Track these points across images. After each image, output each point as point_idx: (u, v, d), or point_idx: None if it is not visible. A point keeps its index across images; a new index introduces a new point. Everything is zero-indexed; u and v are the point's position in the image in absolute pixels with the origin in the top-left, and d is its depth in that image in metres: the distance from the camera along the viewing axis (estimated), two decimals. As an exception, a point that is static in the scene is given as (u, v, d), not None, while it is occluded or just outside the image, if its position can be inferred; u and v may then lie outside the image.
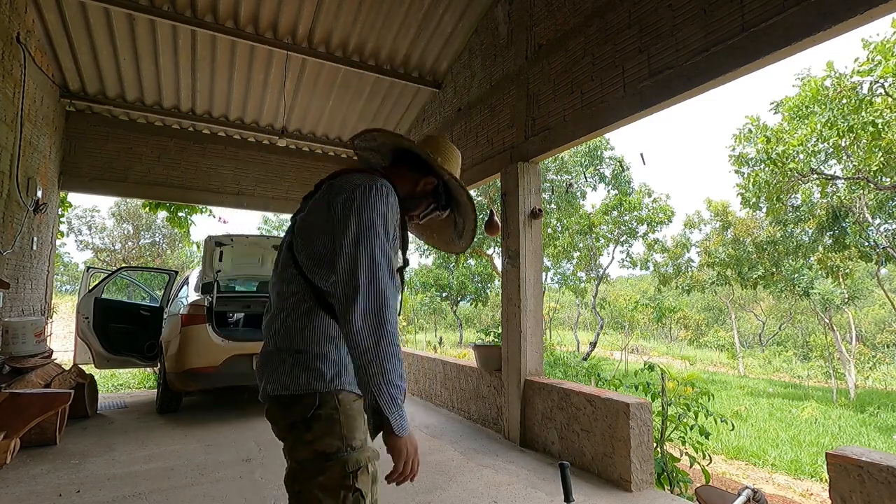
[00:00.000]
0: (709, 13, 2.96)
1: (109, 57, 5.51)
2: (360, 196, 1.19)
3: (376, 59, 5.97)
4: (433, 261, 20.29)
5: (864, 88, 8.27)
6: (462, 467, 3.52)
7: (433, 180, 1.44)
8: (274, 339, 1.28)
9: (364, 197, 1.19)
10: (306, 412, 1.20)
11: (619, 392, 3.76)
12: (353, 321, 1.09)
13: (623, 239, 16.31)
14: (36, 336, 4.45)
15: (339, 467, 1.17)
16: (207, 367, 4.55)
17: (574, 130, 3.96)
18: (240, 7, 5.07)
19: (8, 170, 4.36)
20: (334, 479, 1.17)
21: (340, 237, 1.16)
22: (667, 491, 3.57)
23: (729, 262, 16.07)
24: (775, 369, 19.88)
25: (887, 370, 17.06)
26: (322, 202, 1.26)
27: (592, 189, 15.78)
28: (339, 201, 1.20)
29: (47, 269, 5.68)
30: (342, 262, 1.14)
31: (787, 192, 11.04)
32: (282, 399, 1.24)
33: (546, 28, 4.44)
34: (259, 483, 3.12)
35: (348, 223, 1.16)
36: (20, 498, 2.80)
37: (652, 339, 28.86)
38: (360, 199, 1.19)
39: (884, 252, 11.39)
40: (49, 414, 3.48)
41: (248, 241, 5.27)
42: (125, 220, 21.87)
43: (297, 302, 1.26)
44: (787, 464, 7.15)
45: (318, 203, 1.28)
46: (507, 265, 4.54)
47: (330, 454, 1.18)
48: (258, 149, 7.11)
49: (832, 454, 2.16)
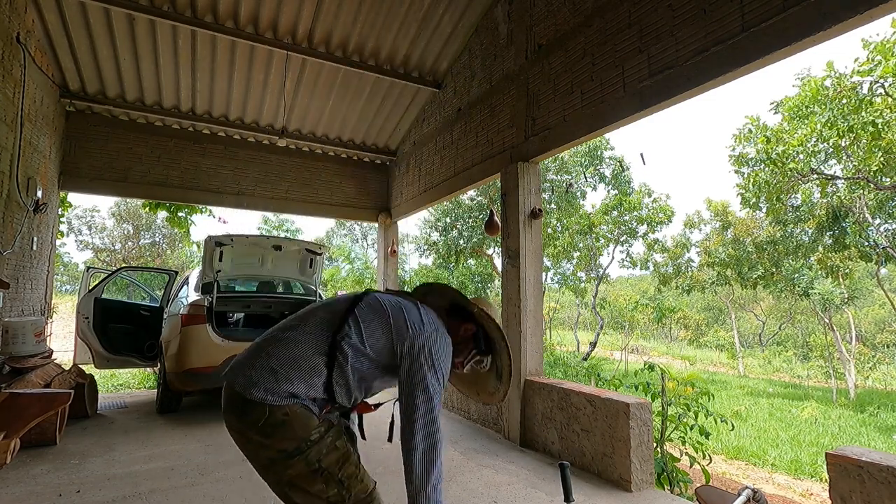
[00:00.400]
0: (709, 13, 2.96)
1: (109, 57, 5.51)
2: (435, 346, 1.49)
3: (376, 59, 5.97)
4: (433, 261, 20.29)
5: (864, 88, 8.27)
6: (462, 467, 3.52)
7: (472, 327, 1.66)
8: (275, 355, 1.45)
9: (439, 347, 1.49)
10: (259, 421, 1.37)
11: (619, 392, 3.76)
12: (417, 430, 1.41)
13: (623, 239, 16.30)
14: (36, 336, 4.45)
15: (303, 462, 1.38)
16: (207, 367, 4.55)
17: (574, 130, 3.96)
18: (240, 7, 5.07)
19: (8, 170, 4.36)
20: (302, 471, 1.38)
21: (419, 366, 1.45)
22: (667, 491, 3.57)
23: (729, 262, 16.07)
24: (775, 369, 19.88)
25: (887, 370, 17.06)
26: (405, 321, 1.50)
27: (592, 189, 15.78)
28: (420, 336, 1.48)
29: (47, 269, 5.68)
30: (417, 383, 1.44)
31: (787, 192, 11.04)
32: (245, 401, 1.40)
33: (546, 28, 4.44)
34: (259, 483, 3.11)
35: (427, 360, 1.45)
36: (20, 498, 2.80)
37: (652, 339, 28.86)
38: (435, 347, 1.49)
39: (884, 252, 11.38)
40: (49, 414, 3.48)
41: (248, 241, 5.26)
42: (125, 220, 21.86)
43: (316, 350, 1.45)
44: (787, 464, 7.15)
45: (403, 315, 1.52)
46: (507, 265, 4.54)
47: (291, 451, 1.37)
48: (258, 149, 7.11)
49: (832, 454, 2.16)
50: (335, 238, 31.95)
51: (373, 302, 1.54)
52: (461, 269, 20.62)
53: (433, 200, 6.53)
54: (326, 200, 7.56)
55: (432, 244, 17.14)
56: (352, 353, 1.44)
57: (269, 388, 1.37)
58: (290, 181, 7.31)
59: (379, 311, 1.51)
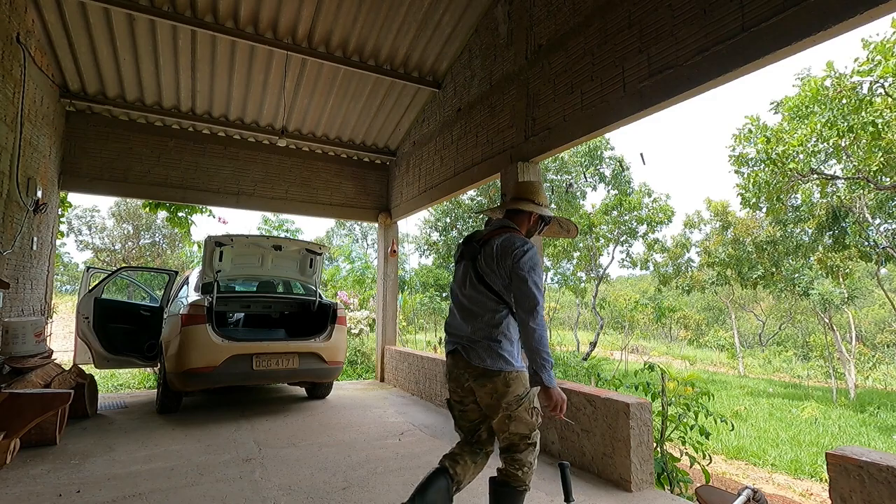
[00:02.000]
0: (709, 13, 2.96)
1: (109, 57, 5.51)
2: (526, 253, 2.12)
3: (376, 59, 5.97)
4: (433, 261, 20.29)
5: (864, 88, 8.28)
6: (462, 467, 3.51)
7: (536, 217, 2.38)
8: (476, 332, 2.15)
9: (527, 253, 2.12)
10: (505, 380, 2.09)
11: (619, 392, 3.75)
12: (530, 324, 2.02)
13: (623, 239, 16.31)
14: (36, 336, 4.46)
15: (527, 401, 2.11)
16: (207, 367, 4.55)
17: (574, 130, 3.96)
18: (240, 7, 5.07)
19: (8, 170, 4.36)
20: (525, 406, 2.11)
21: (522, 277, 2.07)
22: (667, 491, 3.57)
23: (729, 262, 16.07)
24: (775, 369, 19.88)
25: (887, 370, 17.06)
26: (501, 255, 2.14)
27: (592, 189, 15.79)
28: (516, 256, 2.10)
29: (47, 269, 5.68)
30: (525, 290, 2.06)
31: (787, 192, 11.04)
32: (487, 371, 2.10)
33: (546, 28, 4.44)
34: (259, 483, 3.12)
35: (524, 269, 2.07)
36: (20, 498, 2.80)
37: (652, 339, 28.85)
38: (527, 255, 2.11)
39: (884, 252, 11.38)
40: (49, 414, 3.48)
41: (248, 241, 5.26)
42: (125, 220, 21.85)
43: (493, 310, 2.14)
44: (787, 464, 7.15)
45: (498, 254, 2.15)
46: (507, 265, 4.53)
47: (521, 395, 2.09)
48: (258, 149, 7.11)
49: (832, 454, 2.16)
50: (335, 238, 31.96)
51: (483, 261, 2.22)
52: (461, 269, 20.58)
53: (433, 200, 6.53)
54: (326, 200, 7.56)
55: (432, 244, 17.14)
56: (508, 296, 2.19)
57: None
58: (289, 181, 7.31)
59: (491, 266, 2.18)
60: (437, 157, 6.38)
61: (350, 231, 31.10)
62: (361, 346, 10.71)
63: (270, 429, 4.49)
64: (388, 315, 7.69)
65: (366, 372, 9.80)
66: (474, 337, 2.14)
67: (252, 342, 4.83)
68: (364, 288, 12.94)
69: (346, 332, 5.71)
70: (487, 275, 2.16)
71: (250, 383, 5.66)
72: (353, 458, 3.66)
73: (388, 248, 7.77)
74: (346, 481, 3.19)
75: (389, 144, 7.81)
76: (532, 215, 2.35)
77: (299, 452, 3.79)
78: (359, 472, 3.36)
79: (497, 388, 2.07)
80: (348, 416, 5.06)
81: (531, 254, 2.13)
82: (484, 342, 2.10)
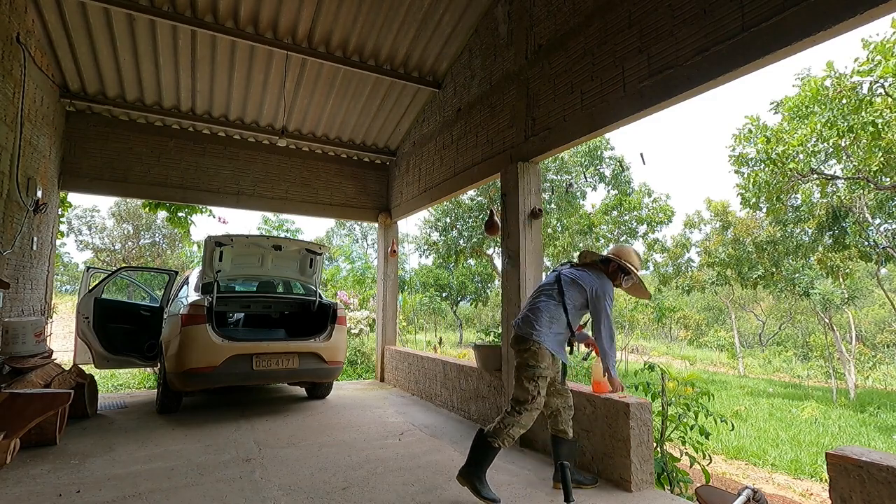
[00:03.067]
0: (709, 13, 2.96)
1: (109, 57, 5.51)
2: (604, 289, 3.06)
3: (376, 59, 5.97)
4: (433, 261, 20.29)
5: (864, 88, 8.27)
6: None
7: (615, 265, 3.17)
8: (532, 321, 3.03)
9: (606, 289, 3.07)
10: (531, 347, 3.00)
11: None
12: (603, 332, 2.99)
13: (623, 239, 16.29)
14: (36, 336, 4.46)
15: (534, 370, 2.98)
16: (207, 367, 4.55)
17: (574, 130, 3.96)
18: (240, 7, 5.07)
19: (8, 170, 4.36)
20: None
21: (601, 303, 3.01)
22: (667, 491, 3.57)
23: (729, 262, 16.05)
24: (775, 369, 19.88)
25: (887, 370, 17.06)
26: (586, 283, 3.05)
27: (592, 189, 15.77)
28: (595, 287, 3.04)
29: (47, 269, 5.68)
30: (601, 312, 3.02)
31: (787, 192, 11.03)
32: (520, 338, 3.05)
33: (546, 28, 4.44)
34: (259, 483, 3.13)
35: (603, 299, 3.01)
36: (20, 498, 2.80)
37: (652, 339, 28.86)
38: (605, 289, 3.06)
39: (884, 252, 11.37)
40: (49, 414, 3.48)
41: (248, 241, 5.26)
42: (125, 220, 21.86)
43: (554, 311, 3.04)
44: (787, 464, 7.15)
45: (583, 280, 3.07)
46: (506, 265, 4.54)
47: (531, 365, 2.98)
48: (258, 149, 7.11)
49: (832, 454, 2.16)
50: (335, 238, 31.96)
51: (567, 279, 3.12)
52: (461, 269, 20.63)
53: (433, 200, 6.53)
54: (326, 200, 7.56)
55: (432, 244, 17.13)
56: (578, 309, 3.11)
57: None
58: (289, 181, 7.31)
59: (574, 289, 3.08)
60: (437, 157, 6.38)
61: (350, 231, 31.11)
62: (361, 346, 10.71)
63: (270, 429, 4.49)
64: (388, 315, 7.69)
65: (366, 372, 9.80)
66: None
67: (252, 342, 4.84)
68: (364, 288, 12.93)
69: (346, 332, 5.71)
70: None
71: (250, 383, 5.67)
72: (353, 458, 3.66)
73: (388, 248, 7.77)
74: (346, 481, 3.19)
75: (389, 144, 7.81)
76: (612, 265, 3.21)
77: (299, 452, 3.79)
78: (359, 472, 3.36)
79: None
80: (348, 416, 5.06)
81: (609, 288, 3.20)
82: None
